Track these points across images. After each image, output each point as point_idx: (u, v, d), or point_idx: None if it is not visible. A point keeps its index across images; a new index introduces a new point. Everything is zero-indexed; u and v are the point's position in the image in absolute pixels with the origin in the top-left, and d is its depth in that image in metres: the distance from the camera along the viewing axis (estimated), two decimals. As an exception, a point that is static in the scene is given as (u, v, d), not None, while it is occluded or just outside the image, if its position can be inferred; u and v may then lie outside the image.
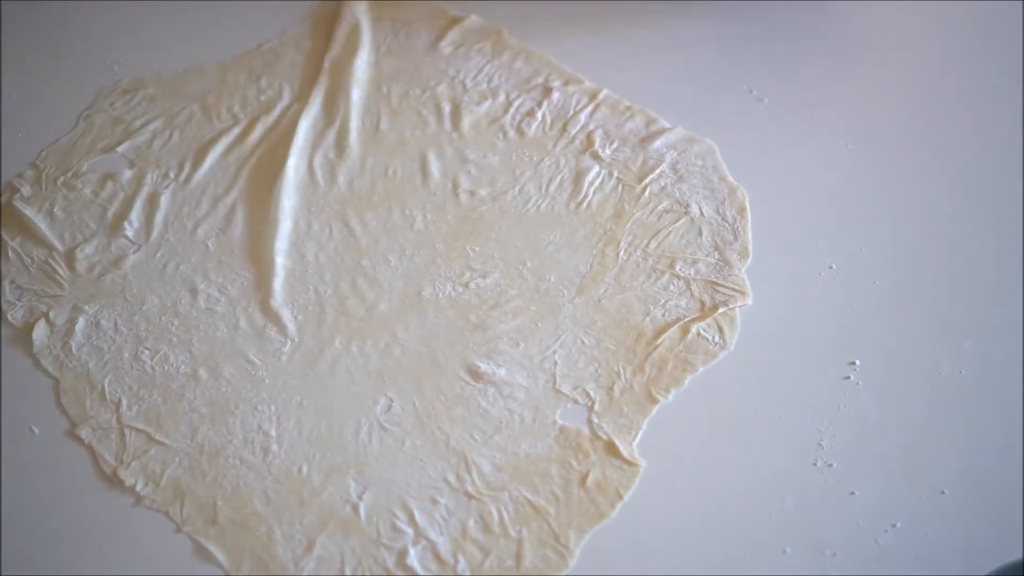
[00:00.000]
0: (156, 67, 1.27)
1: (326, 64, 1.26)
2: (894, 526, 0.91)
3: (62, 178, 1.16)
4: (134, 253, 1.09)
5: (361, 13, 1.31)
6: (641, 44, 1.27)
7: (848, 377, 1.00)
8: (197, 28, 1.33)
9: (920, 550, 0.90)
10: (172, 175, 1.16)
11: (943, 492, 0.93)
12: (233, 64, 1.28)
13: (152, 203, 1.14)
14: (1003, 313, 1.03)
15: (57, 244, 1.11)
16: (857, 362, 1.00)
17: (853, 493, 0.93)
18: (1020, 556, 0.85)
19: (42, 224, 1.12)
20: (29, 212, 1.13)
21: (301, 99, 1.23)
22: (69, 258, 1.10)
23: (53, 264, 1.09)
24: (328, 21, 1.31)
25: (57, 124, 1.21)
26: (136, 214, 1.13)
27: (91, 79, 1.25)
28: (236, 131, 1.20)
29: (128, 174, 1.16)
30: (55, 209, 1.13)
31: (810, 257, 1.08)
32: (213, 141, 1.20)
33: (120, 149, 1.19)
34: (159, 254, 1.10)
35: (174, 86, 1.25)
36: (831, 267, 1.07)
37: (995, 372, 1.00)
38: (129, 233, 1.11)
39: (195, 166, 1.17)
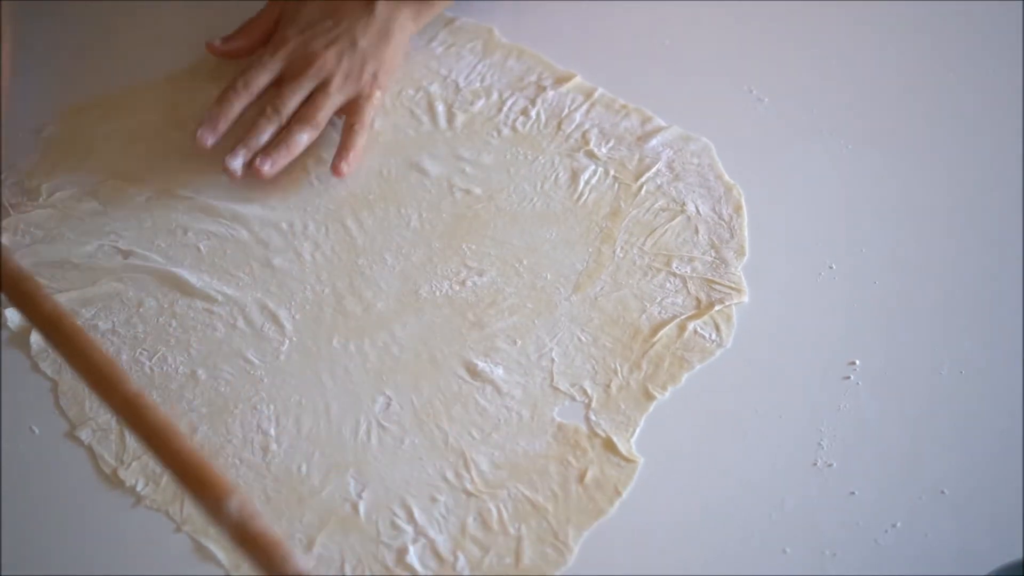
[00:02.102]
0: (108, 85, 1.25)
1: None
2: (894, 526, 0.91)
3: (26, 201, 1.15)
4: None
5: None
6: (637, 43, 1.26)
7: (848, 377, 1.00)
8: (139, 41, 1.31)
9: (920, 550, 0.90)
10: (149, 186, 1.16)
11: (943, 492, 0.93)
12: (183, 74, 1.26)
13: (138, 212, 1.13)
14: (1003, 313, 1.03)
15: (51, 252, 1.10)
16: (857, 362, 1.00)
17: (853, 493, 0.93)
18: (1020, 556, 0.85)
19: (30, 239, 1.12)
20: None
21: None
22: (64, 263, 1.09)
23: (49, 269, 1.09)
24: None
25: (16, 147, 1.19)
26: (122, 225, 1.13)
27: (44, 99, 1.24)
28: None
29: (104, 189, 1.15)
30: (32, 229, 1.12)
31: (810, 257, 1.08)
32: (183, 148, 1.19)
33: (87, 166, 1.17)
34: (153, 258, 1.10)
35: (125, 102, 1.23)
36: (831, 267, 1.07)
37: (995, 372, 1.00)
38: (119, 244, 1.11)
39: (172, 174, 1.17)
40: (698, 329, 1.03)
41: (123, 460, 0.97)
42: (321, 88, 1.17)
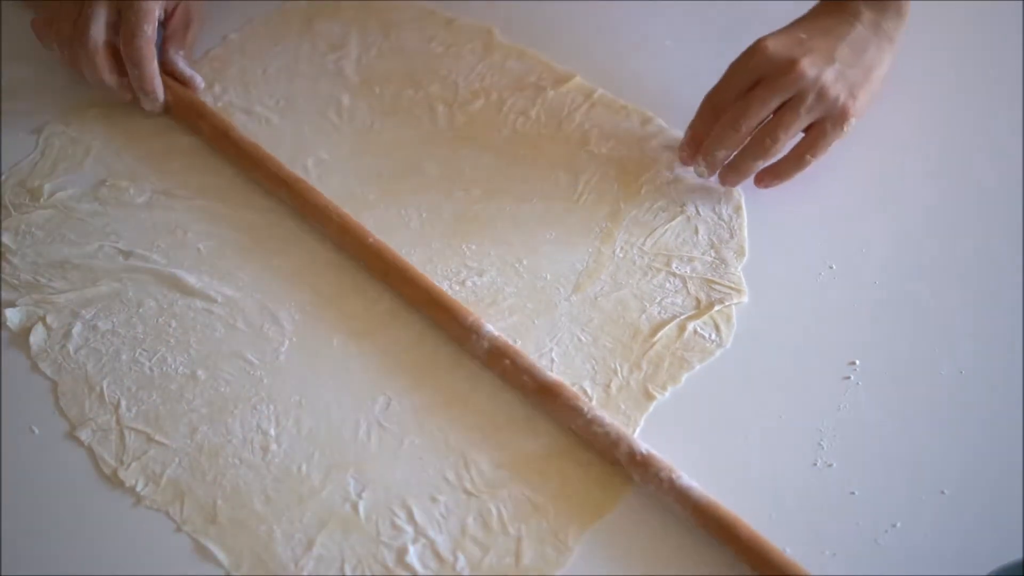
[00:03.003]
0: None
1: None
2: (894, 526, 0.91)
3: (27, 202, 1.15)
4: None
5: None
6: (637, 43, 1.26)
7: (848, 377, 1.00)
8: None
9: (920, 550, 0.90)
10: (149, 186, 1.16)
11: (943, 492, 0.93)
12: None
13: (138, 212, 1.13)
14: (1003, 313, 1.03)
15: (51, 252, 1.10)
16: (857, 362, 1.00)
17: (853, 493, 0.93)
18: (1020, 556, 0.85)
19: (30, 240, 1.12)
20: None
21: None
22: (64, 263, 1.09)
23: (49, 270, 1.09)
24: (268, 24, 1.31)
25: (15, 147, 1.20)
26: (122, 225, 1.13)
27: (44, 99, 1.24)
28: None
29: (104, 189, 1.16)
30: (33, 229, 1.13)
31: (810, 257, 1.08)
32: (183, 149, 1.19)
33: (87, 166, 1.18)
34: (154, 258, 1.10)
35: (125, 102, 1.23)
36: (831, 267, 1.07)
37: (995, 372, 1.00)
38: (119, 244, 1.11)
39: (172, 174, 1.17)
40: (698, 329, 1.03)
41: (123, 460, 0.96)
42: (791, 104, 1.07)
